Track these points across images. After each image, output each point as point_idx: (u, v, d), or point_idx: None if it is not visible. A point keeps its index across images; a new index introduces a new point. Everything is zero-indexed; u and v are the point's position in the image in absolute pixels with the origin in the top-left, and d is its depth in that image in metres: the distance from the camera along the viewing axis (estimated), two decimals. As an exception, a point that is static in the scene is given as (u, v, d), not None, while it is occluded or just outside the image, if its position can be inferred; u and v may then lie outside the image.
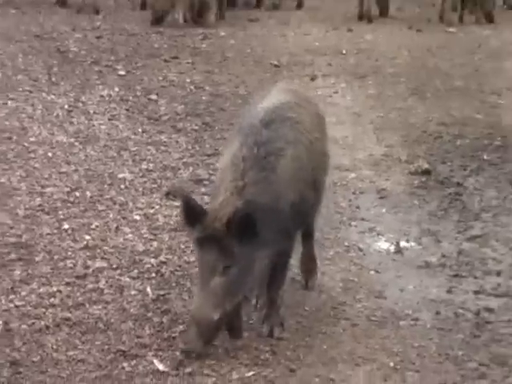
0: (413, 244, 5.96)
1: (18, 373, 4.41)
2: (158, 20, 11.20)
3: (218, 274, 4.24)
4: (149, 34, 10.91)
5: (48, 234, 5.87)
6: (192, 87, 9.04)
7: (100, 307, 5.04)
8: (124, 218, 6.15)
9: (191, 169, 6.93)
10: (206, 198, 5.99)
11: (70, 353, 4.59)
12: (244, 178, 4.37)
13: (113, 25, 11.19)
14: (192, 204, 4.35)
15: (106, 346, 4.65)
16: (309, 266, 5.22)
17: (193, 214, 4.31)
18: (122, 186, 6.66)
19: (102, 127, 7.81)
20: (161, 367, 4.45)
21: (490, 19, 12.18)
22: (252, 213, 4.21)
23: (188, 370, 4.44)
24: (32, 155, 7.11)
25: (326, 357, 4.63)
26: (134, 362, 4.52)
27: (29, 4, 12.10)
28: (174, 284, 5.16)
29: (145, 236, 5.90)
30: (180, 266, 5.42)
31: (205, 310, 4.23)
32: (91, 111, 8.18)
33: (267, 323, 4.76)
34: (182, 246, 5.67)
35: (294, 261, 5.52)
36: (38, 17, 11.38)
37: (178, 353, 4.46)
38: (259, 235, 4.23)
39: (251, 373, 4.42)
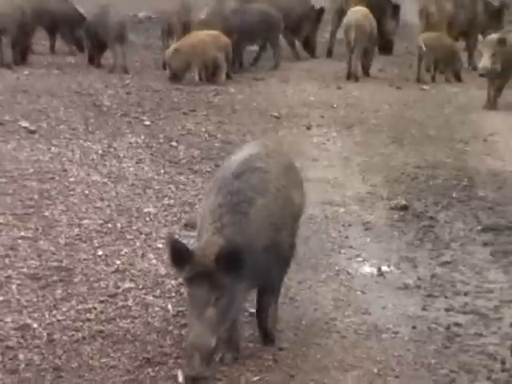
0: (393, 268, 5.96)
1: (60, 377, 4.43)
2: (174, 76, 11.23)
3: (211, 305, 4.11)
4: (170, 90, 10.95)
5: (84, 259, 5.88)
6: (206, 135, 9.07)
7: (128, 321, 5.05)
8: (149, 246, 6.16)
9: (205, 204, 6.95)
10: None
11: (103, 360, 4.60)
12: (221, 221, 4.26)
13: (139, 83, 11.24)
14: (179, 247, 4.21)
15: (134, 355, 4.65)
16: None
17: (180, 256, 4.17)
18: (147, 219, 6.67)
19: (131, 169, 7.83)
20: (181, 379, 4.43)
21: (458, 78, 12.22)
22: (237, 248, 4.13)
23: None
24: (71, 192, 7.13)
25: (320, 364, 4.63)
26: (157, 368, 4.52)
27: (69, 65, 12.16)
28: (191, 302, 5.17)
29: (166, 261, 5.88)
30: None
31: (203, 338, 4.09)
32: (121, 155, 8.21)
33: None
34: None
35: (292, 281, 5.55)
36: (77, 76, 11.43)
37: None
38: (244, 268, 4.14)
39: (256, 378, 4.42)
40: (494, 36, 10.46)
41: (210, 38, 11.28)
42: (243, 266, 4.13)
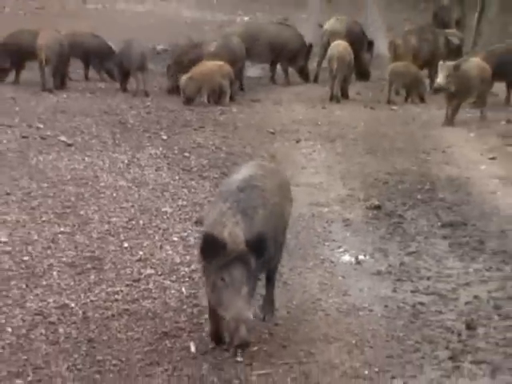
0: (368, 258, 5.98)
1: (93, 347, 4.46)
2: (188, 100, 11.22)
3: (245, 283, 4.04)
4: (183, 110, 10.93)
5: (113, 250, 5.90)
6: (213, 147, 9.07)
7: (149, 302, 5.07)
8: (166, 239, 6.17)
9: (213, 205, 6.94)
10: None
11: (129, 334, 4.63)
12: (235, 218, 4.18)
13: (158, 104, 11.21)
14: (214, 239, 4.08)
15: (154, 329, 4.68)
16: (267, 302, 4.86)
17: (215, 247, 4.06)
18: (165, 217, 6.69)
19: (151, 175, 7.84)
20: (193, 349, 4.44)
21: (422, 100, 12.22)
22: (263, 235, 4.12)
23: (210, 345, 4.47)
24: (102, 195, 7.14)
25: (308, 337, 4.65)
26: (173, 341, 4.56)
27: (100, 90, 12.13)
28: (201, 285, 5.16)
29: (180, 252, 5.93)
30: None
31: (245, 312, 4.01)
32: (143, 164, 8.21)
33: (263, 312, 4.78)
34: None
35: (285, 268, 5.57)
36: (106, 99, 11.42)
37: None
38: (267, 250, 4.15)
39: (255, 348, 4.44)
40: (451, 62, 10.50)
41: (216, 67, 11.29)
42: (267, 248, 4.13)
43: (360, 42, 13.50)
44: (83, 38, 12.96)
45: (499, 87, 11.88)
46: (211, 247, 4.08)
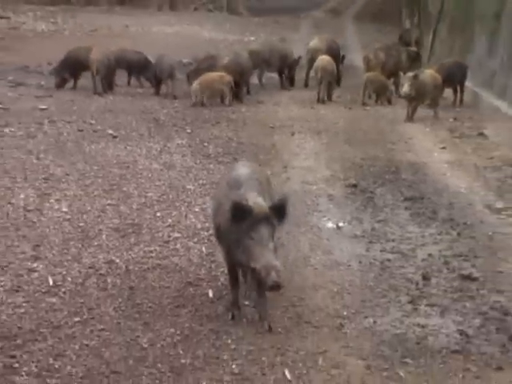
0: (347, 224, 5.95)
1: (133, 294, 4.46)
2: (195, 104, 11.04)
3: (271, 239, 3.82)
4: (202, 109, 10.84)
5: (149, 218, 5.88)
6: (227, 139, 9.01)
7: (177, 258, 5.06)
8: (190, 210, 6.14)
9: (226, 183, 6.89)
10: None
11: (161, 283, 4.63)
12: (254, 194, 3.95)
13: (183, 105, 11.10)
14: (242, 205, 3.81)
15: (180, 280, 4.68)
16: None
17: (243, 211, 3.79)
18: (189, 193, 6.65)
19: (178, 160, 7.79)
20: (211, 295, 4.43)
21: (389, 102, 12.10)
22: (285, 201, 3.91)
23: (225, 292, 4.44)
24: (140, 176, 7.11)
25: (300, 285, 4.64)
26: (195, 288, 4.56)
27: (138, 94, 12.01)
28: (217, 245, 5.14)
29: (201, 220, 5.89)
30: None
31: (274, 261, 3.77)
32: (172, 151, 8.16)
33: None
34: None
35: (282, 233, 5.53)
36: (143, 101, 11.33)
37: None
38: (287, 215, 3.92)
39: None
40: (411, 73, 10.44)
41: (217, 77, 11.17)
42: (288, 213, 3.92)
43: (337, 57, 13.40)
44: (127, 53, 12.86)
45: (448, 92, 11.78)
46: (240, 213, 3.77)
